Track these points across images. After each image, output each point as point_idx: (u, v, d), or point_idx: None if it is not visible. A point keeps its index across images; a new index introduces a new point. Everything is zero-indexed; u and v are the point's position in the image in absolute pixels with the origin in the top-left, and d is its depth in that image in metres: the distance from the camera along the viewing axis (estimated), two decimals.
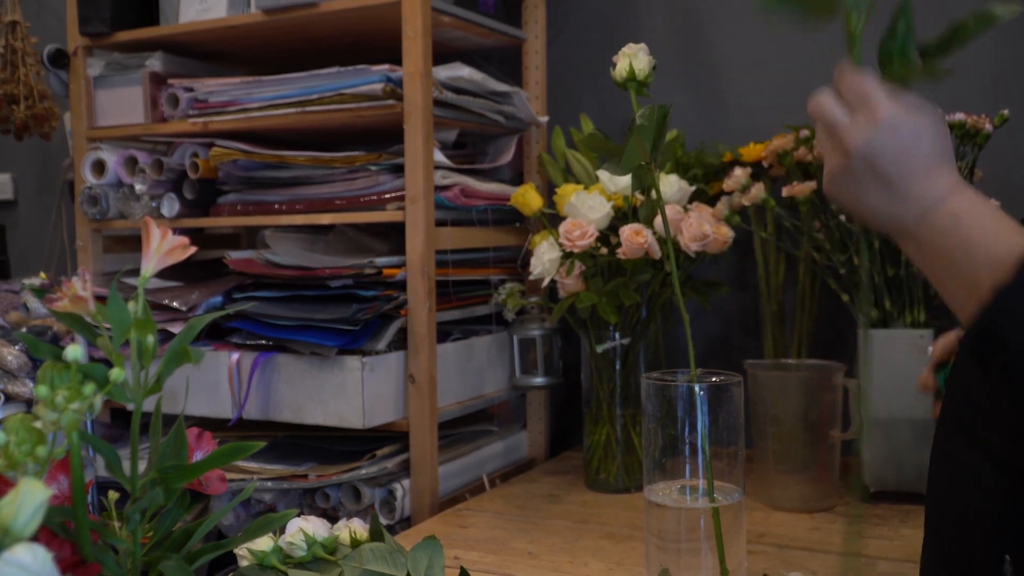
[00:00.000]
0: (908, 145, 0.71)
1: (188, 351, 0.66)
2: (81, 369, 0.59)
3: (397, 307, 1.54)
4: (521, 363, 1.78)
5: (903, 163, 0.70)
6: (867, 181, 0.71)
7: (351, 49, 1.76)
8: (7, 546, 0.47)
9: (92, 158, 1.80)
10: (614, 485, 1.59)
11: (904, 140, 0.71)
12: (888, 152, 0.71)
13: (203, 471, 0.67)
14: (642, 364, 1.60)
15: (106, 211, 1.79)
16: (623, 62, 1.15)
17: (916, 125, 0.72)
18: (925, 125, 0.72)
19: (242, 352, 1.58)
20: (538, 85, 1.86)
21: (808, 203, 1.57)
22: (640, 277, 1.52)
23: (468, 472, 1.71)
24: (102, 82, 1.83)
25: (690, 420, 1.05)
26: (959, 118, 1.48)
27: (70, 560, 0.60)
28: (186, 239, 0.66)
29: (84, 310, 0.63)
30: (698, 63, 1.86)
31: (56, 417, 0.57)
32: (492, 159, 1.81)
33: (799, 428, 1.45)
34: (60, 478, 0.64)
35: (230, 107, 1.67)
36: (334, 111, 1.56)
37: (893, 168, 0.71)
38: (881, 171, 0.71)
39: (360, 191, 1.59)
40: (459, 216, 1.66)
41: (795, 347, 1.65)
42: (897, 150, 0.71)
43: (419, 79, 1.50)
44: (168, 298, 1.62)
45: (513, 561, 1.27)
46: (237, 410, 1.58)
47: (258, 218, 1.68)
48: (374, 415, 1.51)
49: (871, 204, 0.72)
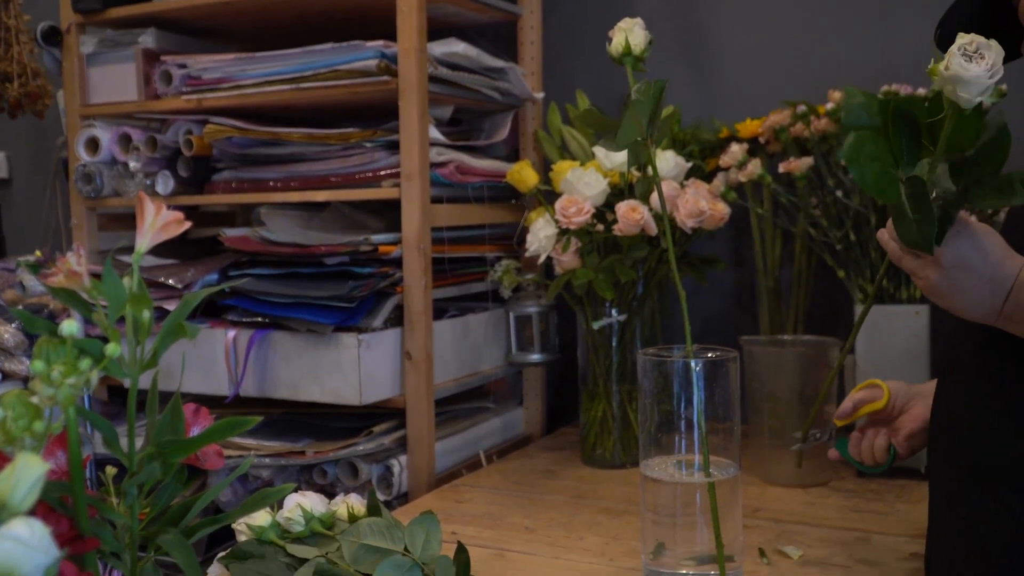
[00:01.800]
0: (983, 244, 0.87)
1: (184, 326, 0.66)
2: (77, 344, 0.58)
3: (393, 284, 1.54)
4: (517, 340, 1.78)
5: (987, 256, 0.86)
6: (963, 282, 0.86)
7: (345, 25, 1.75)
8: (4, 520, 0.47)
9: (86, 136, 1.79)
10: (610, 461, 1.60)
11: (980, 242, 0.87)
12: (973, 254, 0.86)
13: (200, 446, 0.67)
14: (638, 340, 1.61)
15: (100, 189, 1.79)
16: (619, 37, 1.15)
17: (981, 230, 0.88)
18: (986, 230, 0.89)
19: (239, 329, 1.58)
20: (534, 61, 1.86)
21: (805, 179, 1.57)
22: (636, 254, 1.52)
23: (465, 448, 1.71)
24: (95, 59, 1.82)
25: (686, 396, 1.05)
26: None
27: (68, 535, 0.60)
28: (181, 214, 0.66)
29: (79, 285, 0.62)
30: (695, 38, 1.85)
31: (52, 392, 0.57)
32: (488, 136, 1.81)
33: (795, 404, 1.45)
34: (58, 453, 0.64)
35: (224, 84, 1.66)
36: (328, 87, 1.55)
37: (981, 264, 0.86)
38: (973, 269, 0.86)
39: (355, 168, 1.59)
40: (455, 193, 1.66)
41: (791, 323, 1.65)
42: (978, 249, 0.86)
43: (414, 55, 1.50)
44: (164, 276, 1.62)
45: (510, 536, 1.27)
46: (234, 387, 1.58)
47: (253, 195, 1.67)
48: (371, 392, 1.51)
49: (972, 299, 0.86)
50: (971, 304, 0.87)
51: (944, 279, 0.86)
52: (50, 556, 0.48)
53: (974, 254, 0.86)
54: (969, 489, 0.88)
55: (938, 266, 0.86)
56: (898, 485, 1.43)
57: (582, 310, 1.61)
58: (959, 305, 0.87)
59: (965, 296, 0.87)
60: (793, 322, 1.65)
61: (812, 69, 1.75)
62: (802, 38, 1.76)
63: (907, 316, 1.46)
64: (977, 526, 0.88)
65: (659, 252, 1.56)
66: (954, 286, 0.86)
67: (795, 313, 1.65)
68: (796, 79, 1.76)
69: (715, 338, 1.66)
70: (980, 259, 0.86)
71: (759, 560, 1.15)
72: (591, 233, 1.54)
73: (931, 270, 0.87)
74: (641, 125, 1.10)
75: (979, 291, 0.86)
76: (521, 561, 1.18)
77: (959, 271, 0.86)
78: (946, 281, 0.86)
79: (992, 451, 0.87)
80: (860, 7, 1.73)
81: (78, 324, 0.58)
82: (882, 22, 1.71)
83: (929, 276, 0.87)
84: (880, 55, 1.71)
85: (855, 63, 1.72)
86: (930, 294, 0.89)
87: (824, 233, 1.58)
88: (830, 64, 1.75)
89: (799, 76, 1.76)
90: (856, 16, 1.73)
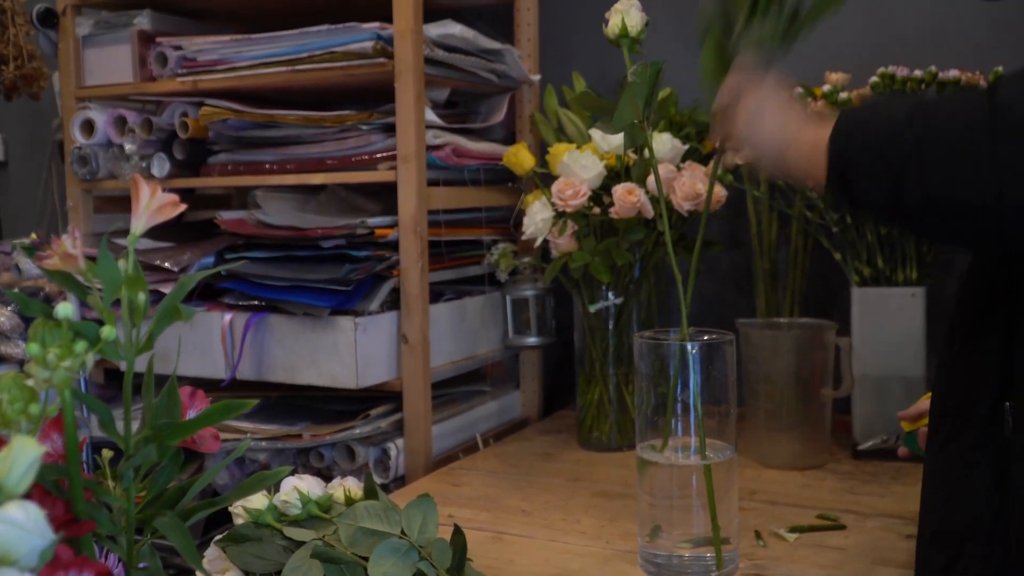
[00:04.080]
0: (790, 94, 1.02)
1: (179, 308, 0.66)
2: (72, 327, 0.58)
3: (389, 267, 1.54)
4: (514, 323, 1.78)
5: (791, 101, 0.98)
6: (767, 105, 0.96)
7: (341, 7, 1.74)
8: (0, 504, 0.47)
9: (81, 118, 1.79)
10: (607, 443, 1.60)
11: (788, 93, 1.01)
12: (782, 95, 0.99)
13: (196, 428, 0.67)
14: (635, 323, 1.61)
15: (96, 171, 1.78)
16: (616, 18, 1.14)
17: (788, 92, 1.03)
18: None
19: (235, 313, 1.58)
20: (530, 43, 1.85)
21: None
22: (633, 236, 1.52)
23: (462, 431, 1.72)
24: (91, 41, 1.81)
25: (683, 379, 1.06)
26: (953, 75, 1.48)
27: (63, 518, 0.60)
28: (176, 197, 0.66)
29: (74, 268, 0.62)
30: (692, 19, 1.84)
31: (48, 375, 0.56)
32: (484, 118, 1.80)
33: (791, 386, 1.45)
34: (54, 436, 0.64)
35: (219, 66, 1.65)
36: (324, 69, 1.55)
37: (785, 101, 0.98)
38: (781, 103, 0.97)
39: (351, 151, 1.58)
40: (451, 176, 1.65)
41: (787, 305, 1.65)
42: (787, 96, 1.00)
43: (410, 37, 1.49)
44: (160, 259, 1.62)
45: (507, 518, 1.28)
46: (230, 370, 1.58)
47: (249, 178, 1.67)
48: (367, 375, 1.51)
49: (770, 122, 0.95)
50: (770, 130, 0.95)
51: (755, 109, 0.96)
52: (45, 539, 0.48)
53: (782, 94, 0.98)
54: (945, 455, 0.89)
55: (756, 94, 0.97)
56: (894, 467, 1.44)
57: (579, 293, 1.61)
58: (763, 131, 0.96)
59: (766, 123, 0.95)
60: (789, 304, 1.65)
61: (809, 51, 1.74)
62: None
63: (903, 298, 1.46)
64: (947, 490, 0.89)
65: (656, 235, 1.56)
66: (760, 115, 0.96)
67: (791, 295, 1.65)
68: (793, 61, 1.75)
69: (711, 321, 1.66)
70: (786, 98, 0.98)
71: (755, 542, 1.16)
72: (588, 216, 1.53)
73: (748, 99, 0.97)
74: (638, 107, 1.10)
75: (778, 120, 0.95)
76: (518, 544, 1.19)
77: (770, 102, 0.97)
78: (755, 110, 0.96)
79: (957, 411, 0.88)
80: None
81: (74, 307, 0.58)
82: (879, 4, 1.70)
83: (745, 103, 0.97)
84: (877, 37, 1.70)
85: (852, 45, 1.72)
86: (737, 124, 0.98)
87: (820, 215, 1.57)
88: (827, 46, 1.74)
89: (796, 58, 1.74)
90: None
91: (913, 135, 0.78)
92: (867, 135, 0.83)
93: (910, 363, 1.45)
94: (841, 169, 0.84)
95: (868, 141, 0.83)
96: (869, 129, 0.84)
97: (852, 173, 0.83)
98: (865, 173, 0.82)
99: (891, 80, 1.49)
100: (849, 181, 0.84)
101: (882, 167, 0.80)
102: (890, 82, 1.49)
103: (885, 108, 0.85)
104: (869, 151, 0.82)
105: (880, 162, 0.81)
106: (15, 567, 0.46)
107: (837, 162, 0.85)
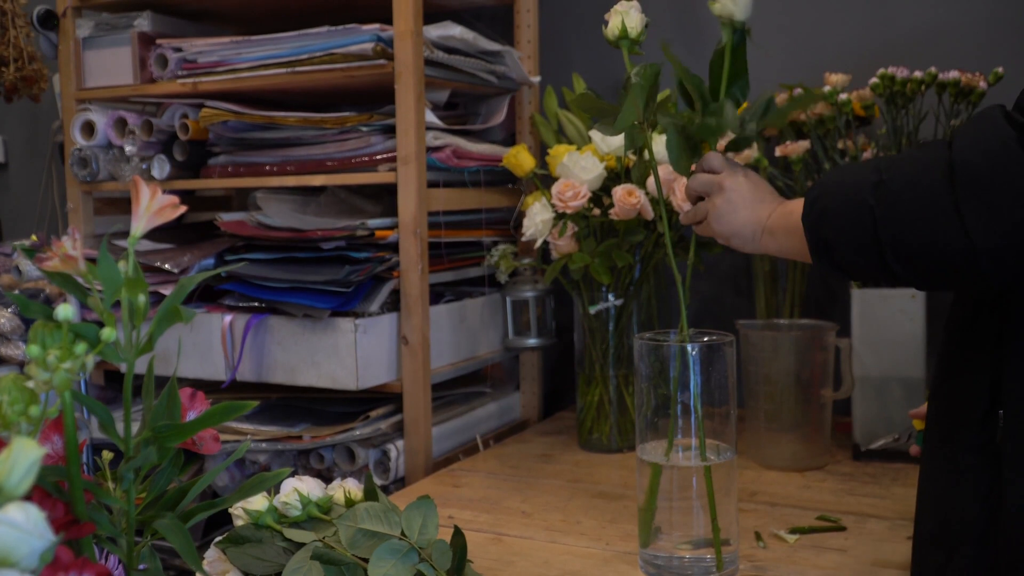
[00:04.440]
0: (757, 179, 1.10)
1: (179, 310, 0.65)
2: (72, 328, 0.58)
3: (389, 269, 1.54)
4: (514, 324, 1.78)
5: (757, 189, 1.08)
6: (738, 201, 1.06)
7: (341, 8, 1.74)
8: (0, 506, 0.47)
9: (81, 119, 1.79)
10: (607, 445, 1.60)
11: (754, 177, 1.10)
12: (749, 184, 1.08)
13: (196, 430, 0.67)
14: (635, 325, 1.61)
15: (96, 173, 1.78)
16: (615, 20, 1.14)
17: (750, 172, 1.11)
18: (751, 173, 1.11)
19: (235, 314, 1.58)
20: (530, 44, 1.85)
21: (801, 162, 1.57)
22: (633, 238, 1.52)
23: (462, 433, 1.72)
24: (91, 43, 1.81)
25: (682, 380, 1.06)
26: (953, 76, 1.48)
27: (64, 519, 0.60)
28: (176, 198, 0.66)
29: (74, 269, 0.62)
30: (691, 21, 1.84)
31: (48, 377, 0.56)
32: (484, 120, 1.80)
33: (791, 387, 1.45)
34: (54, 438, 0.64)
35: (219, 67, 1.65)
36: (324, 71, 1.55)
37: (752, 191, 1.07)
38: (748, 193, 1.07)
39: (351, 152, 1.58)
40: (451, 177, 1.65)
41: (787, 307, 1.65)
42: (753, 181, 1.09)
43: (410, 38, 1.49)
44: (160, 260, 1.62)
45: (507, 520, 1.28)
46: (230, 372, 1.58)
47: (249, 180, 1.67)
48: (367, 377, 1.51)
49: (743, 214, 1.06)
50: (744, 221, 1.05)
51: (726, 203, 1.06)
52: (45, 540, 0.47)
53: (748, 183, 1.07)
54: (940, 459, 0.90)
55: (721, 189, 1.07)
56: (894, 469, 1.44)
57: (579, 295, 1.60)
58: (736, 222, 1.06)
59: (739, 215, 1.05)
60: (789, 306, 1.65)
61: (809, 52, 1.75)
62: (800, 21, 1.75)
63: (903, 299, 1.46)
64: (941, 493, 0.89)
65: (655, 236, 1.56)
66: (732, 208, 1.06)
67: (791, 297, 1.65)
68: (793, 62, 1.75)
69: (711, 322, 1.66)
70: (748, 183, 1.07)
71: (755, 544, 1.16)
72: (588, 217, 1.53)
73: (718, 195, 1.07)
74: (638, 109, 1.10)
75: (750, 211, 1.05)
76: (518, 545, 1.19)
77: (738, 194, 1.06)
78: (727, 204, 1.06)
79: (952, 416, 0.89)
80: None
81: (74, 308, 0.58)
82: (879, 5, 1.70)
83: (715, 201, 1.07)
84: (876, 38, 1.70)
85: (852, 46, 1.72)
86: (712, 220, 1.08)
87: None
88: (827, 47, 1.74)
89: (796, 59, 1.75)
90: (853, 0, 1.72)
91: (881, 202, 0.83)
92: (837, 209, 0.88)
93: (910, 364, 1.45)
94: (821, 246, 0.90)
95: (839, 213, 0.88)
96: (838, 203, 0.88)
97: (832, 247, 0.89)
98: (844, 244, 0.88)
99: (891, 81, 1.49)
100: (831, 254, 0.89)
101: (858, 235, 0.85)
102: (890, 83, 1.49)
103: (850, 176, 0.89)
104: (842, 224, 0.87)
105: (855, 231, 0.86)
106: (15, 568, 0.46)
107: (816, 241, 0.91)
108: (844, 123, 1.54)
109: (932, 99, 1.52)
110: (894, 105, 1.50)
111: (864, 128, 1.63)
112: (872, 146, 1.54)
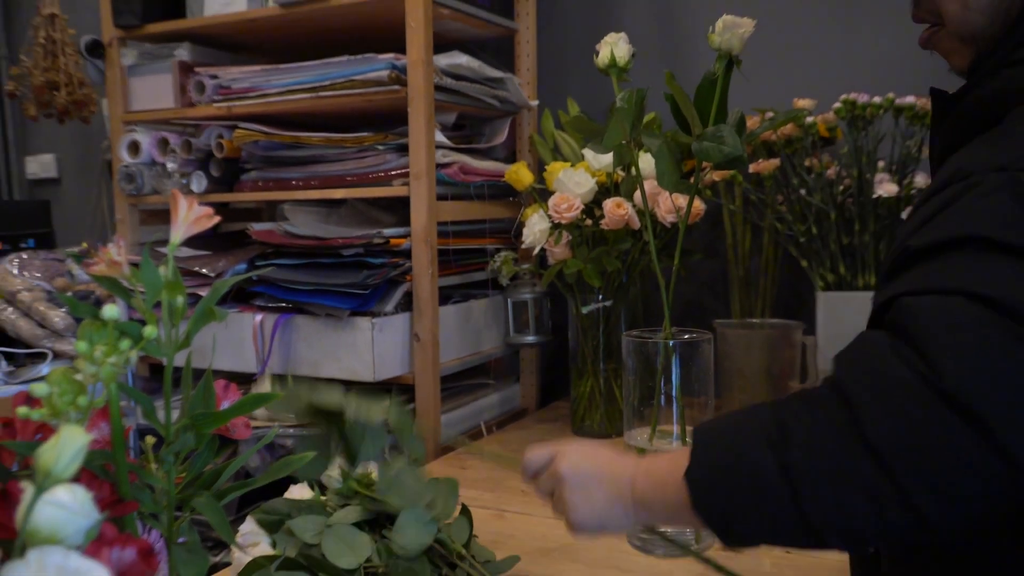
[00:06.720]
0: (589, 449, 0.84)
1: (214, 310, 0.65)
2: (118, 327, 0.58)
3: (403, 273, 1.53)
4: (514, 323, 1.77)
5: (598, 460, 0.81)
6: (585, 482, 0.79)
7: (359, 39, 1.74)
8: (48, 487, 0.46)
9: (128, 140, 1.79)
10: (597, 431, 1.60)
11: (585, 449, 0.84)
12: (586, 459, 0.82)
13: (229, 418, 0.67)
14: (623, 323, 1.60)
15: (141, 187, 1.78)
16: (605, 50, 1.14)
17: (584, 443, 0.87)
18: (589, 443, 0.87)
19: (265, 314, 1.58)
20: (529, 71, 1.85)
21: (772, 179, 1.57)
22: (621, 245, 1.52)
23: (468, 420, 1.71)
24: (135, 70, 1.81)
25: (665, 373, 1.05)
26: (909, 101, 1.47)
27: (110, 498, 0.59)
28: (211, 209, 0.65)
29: (119, 273, 0.62)
30: (674, 50, 1.84)
31: (95, 370, 0.56)
32: (488, 139, 1.80)
33: (762, 380, 1.45)
34: (101, 425, 0.64)
35: (251, 93, 1.65)
36: (345, 96, 1.54)
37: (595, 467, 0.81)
38: (592, 471, 0.80)
39: (369, 168, 1.58)
40: (458, 191, 1.65)
41: (759, 308, 1.65)
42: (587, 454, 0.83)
43: (421, 66, 1.49)
44: (198, 265, 1.61)
45: (508, 498, 1.27)
46: (261, 365, 1.58)
47: (277, 193, 1.66)
48: (383, 370, 1.51)
49: (600, 496, 0.78)
50: (606, 503, 0.77)
51: (574, 492, 0.79)
52: (91, 519, 0.47)
53: (585, 460, 0.81)
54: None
55: (563, 480, 0.80)
56: None
57: (572, 296, 1.60)
58: (598, 509, 0.78)
59: (596, 500, 0.78)
60: (761, 307, 1.65)
61: (779, 79, 1.75)
62: (771, 52, 1.75)
63: (864, 301, 1.45)
64: None
65: (642, 244, 1.55)
66: (585, 495, 0.78)
67: (763, 299, 1.65)
68: (765, 89, 1.75)
69: (692, 321, 1.66)
70: (579, 452, 0.83)
71: None
72: (581, 227, 1.53)
73: (562, 488, 0.80)
74: (625, 130, 1.10)
75: (606, 490, 0.77)
76: (519, 520, 1.18)
77: (581, 478, 0.79)
78: (577, 493, 0.79)
79: None
80: (825, 23, 1.72)
81: (120, 308, 0.58)
82: (845, 36, 1.70)
83: (564, 495, 0.80)
84: (842, 67, 1.70)
85: (818, 74, 1.71)
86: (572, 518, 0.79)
87: (789, 227, 1.57)
88: (796, 75, 1.74)
89: (768, 86, 1.75)
90: (821, 31, 1.72)
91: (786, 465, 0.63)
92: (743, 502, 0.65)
93: None
94: (722, 526, 0.66)
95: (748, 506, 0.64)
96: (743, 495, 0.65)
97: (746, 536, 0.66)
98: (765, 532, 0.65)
99: (853, 105, 1.48)
100: (744, 541, 0.67)
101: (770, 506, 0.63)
102: (852, 107, 1.48)
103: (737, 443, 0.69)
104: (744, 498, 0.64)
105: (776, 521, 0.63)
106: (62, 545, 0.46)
107: (716, 521, 0.67)
108: (811, 143, 1.54)
109: (889, 122, 1.52)
110: (855, 127, 1.50)
111: (828, 147, 1.62)
112: (835, 164, 1.53)
